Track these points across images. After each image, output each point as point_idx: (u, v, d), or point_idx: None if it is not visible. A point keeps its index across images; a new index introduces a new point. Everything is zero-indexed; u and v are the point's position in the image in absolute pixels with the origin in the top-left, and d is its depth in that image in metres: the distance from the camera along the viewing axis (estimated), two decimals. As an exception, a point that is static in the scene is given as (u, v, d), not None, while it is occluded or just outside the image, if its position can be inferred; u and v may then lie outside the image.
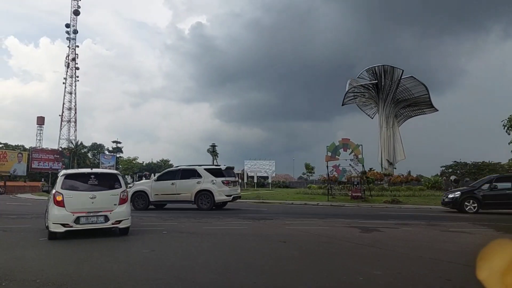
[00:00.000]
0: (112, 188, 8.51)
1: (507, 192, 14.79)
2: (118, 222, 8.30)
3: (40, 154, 72.45)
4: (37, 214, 13.48)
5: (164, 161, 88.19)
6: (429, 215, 14.30)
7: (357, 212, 15.65)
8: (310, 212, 15.60)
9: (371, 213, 15.15)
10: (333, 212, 15.49)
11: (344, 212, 15.88)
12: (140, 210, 15.60)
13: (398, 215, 14.15)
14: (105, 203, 8.24)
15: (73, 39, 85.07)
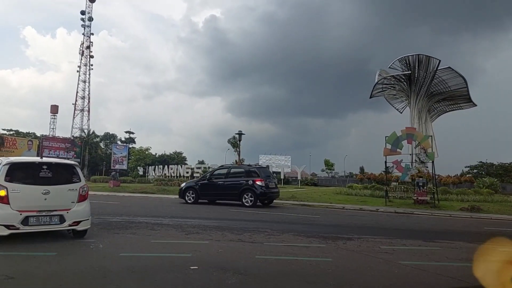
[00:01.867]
0: (70, 182, 7.24)
1: None
2: (76, 223, 7.14)
3: (51, 142, 69.92)
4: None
5: (177, 153, 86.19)
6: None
7: (453, 227, 11.21)
8: (388, 226, 11.20)
9: (479, 230, 10.71)
10: (417, 227, 11.10)
11: (434, 226, 11.45)
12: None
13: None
14: (61, 200, 7.05)
15: (88, 27, 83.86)
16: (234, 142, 34.23)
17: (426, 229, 10.55)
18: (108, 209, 13.37)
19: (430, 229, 10.58)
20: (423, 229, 10.62)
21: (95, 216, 10.85)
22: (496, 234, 9.64)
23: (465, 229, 10.88)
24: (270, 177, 17.40)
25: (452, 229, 10.87)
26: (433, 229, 10.71)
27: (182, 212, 12.78)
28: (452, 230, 10.54)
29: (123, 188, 27.05)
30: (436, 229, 10.74)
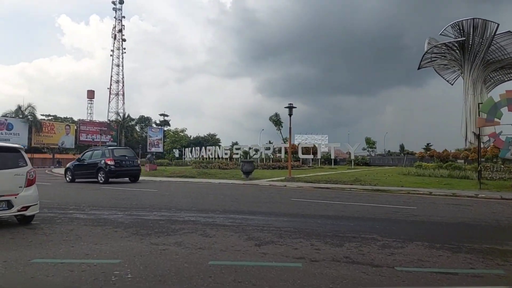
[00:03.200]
0: (16, 167, 6.89)
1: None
2: (25, 208, 6.81)
3: (88, 126, 69.97)
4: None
5: (211, 135, 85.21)
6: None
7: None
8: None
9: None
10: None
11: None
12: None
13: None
14: (8, 185, 6.67)
15: (119, 10, 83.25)
16: (276, 120, 31.19)
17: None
18: (144, 199, 10.89)
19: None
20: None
21: (127, 213, 8.30)
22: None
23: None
24: (127, 157, 18.99)
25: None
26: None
27: (236, 204, 10.05)
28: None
29: (160, 172, 24.93)
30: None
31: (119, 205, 9.58)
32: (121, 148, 22.57)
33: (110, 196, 11.84)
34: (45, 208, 9.05)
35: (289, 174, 18.48)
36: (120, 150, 20.10)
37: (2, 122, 54.18)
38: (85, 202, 10.30)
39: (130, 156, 19.46)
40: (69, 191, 13.91)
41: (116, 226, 6.66)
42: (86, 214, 8.16)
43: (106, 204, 9.78)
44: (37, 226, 6.69)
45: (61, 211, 8.52)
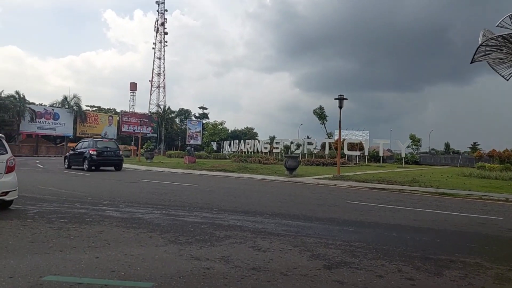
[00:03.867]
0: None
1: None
2: (5, 193, 7.05)
3: (129, 117, 71.42)
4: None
5: (248, 129, 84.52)
6: None
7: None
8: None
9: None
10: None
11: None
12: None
13: None
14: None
15: (162, 3, 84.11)
16: (320, 113, 29.58)
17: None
18: (183, 196, 9.95)
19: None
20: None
21: (164, 212, 7.33)
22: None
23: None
24: (109, 148, 20.83)
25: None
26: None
27: (286, 206, 8.84)
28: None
29: (199, 165, 24.22)
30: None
31: (157, 202, 8.67)
32: (105, 140, 23.81)
33: (148, 190, 11.03)
34: (77, 202, 8.30)
35: (338, 172, 17.03)
36: (103, 142, 21.80)
37: (49, 111, 56.12)
38: (121, 196, 9.50)
39: (113, 147, 21.27)
40: (105, 184, 13.30)
41: (151, 230, 5.67)
42: (119, 211, 7.27)
43: (143, 200, 8.91)
44: (63, 226, 5.83)
45: (93, 207, 7.71)
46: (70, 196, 9.32)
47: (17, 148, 49.09)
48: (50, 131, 56.30)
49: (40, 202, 8.20)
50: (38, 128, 54.53)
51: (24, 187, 10.78)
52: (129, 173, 18.62)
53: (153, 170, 21.46)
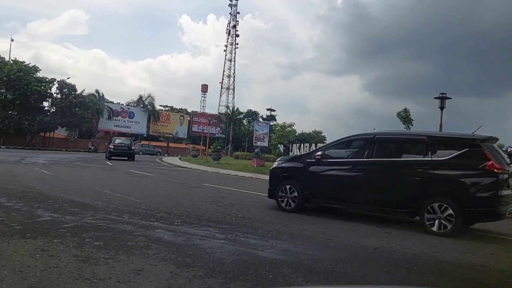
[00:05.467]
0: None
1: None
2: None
3: (199, 118, 72.44)
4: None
5: (316, 132, 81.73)
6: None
7: None
8: None
9: None
10: None
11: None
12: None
13: None
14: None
15: (234, 6, 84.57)
16: (405, 116, 26.22)
17: None
18: (253, 210, 8.05)
19: None
20: None
21: (230, 235, 5.42)
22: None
23: None
24: (123, 144, 27.70)
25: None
26: None
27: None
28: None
29: (268, 168, 22.36)
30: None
31: (222, 218, 6.85)
32: (122, 138, 31.68)
33: (212, 199, 9.32)
34: (127, 213, 6.76)
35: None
36: (120, 139, 29.57)
37: (125, 110, 58.51)
38: (179, 206, 7.87)
39: (126, 143, 28.15)
40: (166, 187, 11.94)
41: (210, 272, 3.79)
42: (173, 232, 5.54)
43: (205, 214, 7.15)
44: (93, 255, 4.17)
45: (143, 221, 6.09)
46: (123, 203, 7.90)
47: (95, 144, 51.63)
48: (125, 129, 58.65)
49: (85, 210, 6.81)
50: (114, 126, 57.03)
51: (79, 189, 9.68)
52: (195, 175, 17.37)
53: (219, 173, 20.08)
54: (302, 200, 7.80)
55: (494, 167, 6.19)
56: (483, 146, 6.45)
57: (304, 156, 8.72)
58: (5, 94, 43.76)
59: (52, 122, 46.42)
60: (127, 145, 27.90)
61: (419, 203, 6.59)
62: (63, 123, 47.12)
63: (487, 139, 6.80)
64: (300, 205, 7.84)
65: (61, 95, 47.87)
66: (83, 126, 50.54)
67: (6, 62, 46.03)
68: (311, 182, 7.78)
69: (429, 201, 6.50)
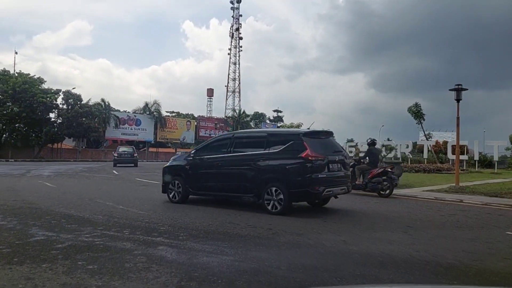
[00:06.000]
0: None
1: None
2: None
3: (206, 122, 72.15)
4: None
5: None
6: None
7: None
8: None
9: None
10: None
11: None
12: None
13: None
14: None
15: (236, 9, 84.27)
16: (416, 111, 25.40)
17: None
18: (263, 216, 7.44)
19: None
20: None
21: (239, 254, 4.83)
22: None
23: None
24: (126, 152, 30.91)
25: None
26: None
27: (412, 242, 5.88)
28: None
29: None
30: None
31: (232, 229, 6.27)
32: (125, 146, 34.17)
33: (220, 206, 8.74)
34: (129, 227, 6.22)
35: (456, 182, 13.30)
36: (123, 147, 32.61)
37: (131, 118, 58.32)
38: (185, 216, 7.32)
39: (129, 151, 30.64)
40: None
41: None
42: (177, 248, 4.97)
43: (213, 223, 6.59)
44: (84, 282, 3.63)
45: (145, 237, 5.55)
46: (125, 216, 7.37)
47: (103, 154, 51.46)
48: (133, 137, 58.45)
49: (82, 226, 6.28)
50: (122, 134, 56.85)
51: (80, 202, 9.19)
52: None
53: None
54: (185, 193, 9.13)
55: (308, 155, 7.45)
56: (304, 139, 7.72)
57: (186, 155, 9.79)
58: (12, 107, 43.77)
59: (59, 133, 46.30)
60: (130, 152, 30.52)
61: (261, 188, 7.87)
62: (70, 133, 46.96)
63: (308, 133, 8.27)
64: (184, 197, 9.18)
65: (67, 106, 47.75)
66: (90, 136, 50.33)
67: (11, 75, 46.08)
68: (189, 177, 9.09)
69: (267, 186, 7.77)
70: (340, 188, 8.20)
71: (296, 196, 7.78)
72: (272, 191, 7.70)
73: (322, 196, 7.85)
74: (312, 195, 7.70)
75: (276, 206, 7.63)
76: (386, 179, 11.22)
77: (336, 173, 8.06)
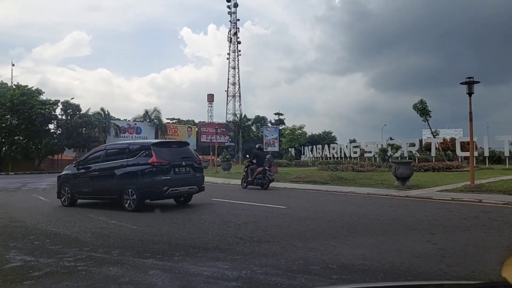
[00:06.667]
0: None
1: None
2: None
3: (207, 128, 71.44)
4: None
5: (326, 133, 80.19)
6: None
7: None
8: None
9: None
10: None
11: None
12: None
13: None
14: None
15: (234, 13, 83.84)
16: (422, 108, 24.68)
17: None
18: (270, 229, 6.75)
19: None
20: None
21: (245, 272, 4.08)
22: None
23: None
24: None
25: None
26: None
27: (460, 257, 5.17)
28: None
29: (281, 175, 21.04)
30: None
31: (233, 245, 5.58)
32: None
33: (221, 219, 8.05)
34: (119, 248, 5.53)
35: (472, 181, 12.54)
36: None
37: (132, 126, 57.81)
38: (183, 230, 6.65)
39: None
40: (170, 207, 10.72)
41: None
42: (170, 272, 4.28)
43: (212, 241, 5.89)
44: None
45: (135, 259, 4.86)
46: (116, 233, 6.69)
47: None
48: (133, 145, 57.89)
49: (67, 247, 5.61)
50: (122, 143, 56.34)
51: (70, 218, 8.52)
52: (204, 189, 16.14)
53: (230, 184, 18.82)
54: (72, 197, 10.55)
55: (154, 161, 9.04)
56: (153, 148, 9.29)
57: (73, 165, 11.08)
58: (10, 119, 43.31)
59: (59, 144, 45.78)
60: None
61: (122, 190, 9.28)
62: (70, 144, 46.44)
63: (157, 143, 10.08)
64: (72, 201, 10.57)
65: (65, 116, 47.27)
66: (90, 146, 49.81)
67: (9, 88, 45.65)
68: (74, 184, 10.54)
69: (125, 188, 9.21)
70: (188, 187, 9.68)
71: (145, 195, 9.20)
72: (129, 192, 9.13)
73: (166, 194, 9.27)
74: (157, 194, 9.17)
75: (131, 205, 9.06)
76: (265, 175, 14.53)
77: (183, 175, 9.59)
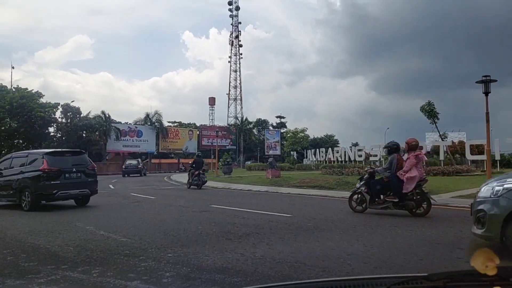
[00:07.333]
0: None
1: None
2: None
3: (209, 131, 70.72)
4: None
5: (328, 136, 79.64)
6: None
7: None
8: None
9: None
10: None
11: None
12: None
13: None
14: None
15: (235, 16, 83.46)
16: (429, 110, 23.90)
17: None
18: (274, 241, 6.01)
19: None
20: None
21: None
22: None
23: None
24: (132, 163, 38.44)
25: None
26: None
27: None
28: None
29: (284, 180, 20.31)
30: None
31: (233, 259, 4.85)
32: (131, 160, 40.71)
33: (220, 228, 7.32)
34: (100, 264, 4.81)
35: (488, 187, 11.80)
36: (129, 161, 39.26)
37: (133, 129, 57.19)
38: (177, 243, 5.91)
39: (134, 163, 38.01)
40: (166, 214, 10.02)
41: None
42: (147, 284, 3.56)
43: (210, 254, 5.15)
44: None
45: (116, 281, 4.13)
46: (102, 246, 5.96)
47: (104, 167, 50.16)
48: (134, 148, 57.29)
49: (43, 264, 4.89)
50: (123, 146, 55.68)
51: (55, 228, 7.81)
52: (202, 194, 15.39)
53: (231, 189, 18.10)
54: None
55: (44, 168, 10.35)
56: (45, 157, 10.63)
57: None
58: (9, 122, 42.79)
59: (58, 147, 45.24)
60: (135, 165, 37.51)
61: (21, 193, 10.60)
62: (70, 147, 45.86)
63: (50, 152, 11.27)
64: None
65: (65, 119, 46.74)
66: (91, 149, 49.19)
67: (9, 91, 45.17)
68: None
69: (23, 191, 10.55)
70: (80, 190, 10.85)
71: (38, 197, 10.40)
72: (26, 194, 10.42)
73: (56, 197, 10.56)
74: (48, 196, 10.51)
75: (27, 205, 10.32)
76: (200, 178, 17.73)
77: (74, 180, 10.78)
